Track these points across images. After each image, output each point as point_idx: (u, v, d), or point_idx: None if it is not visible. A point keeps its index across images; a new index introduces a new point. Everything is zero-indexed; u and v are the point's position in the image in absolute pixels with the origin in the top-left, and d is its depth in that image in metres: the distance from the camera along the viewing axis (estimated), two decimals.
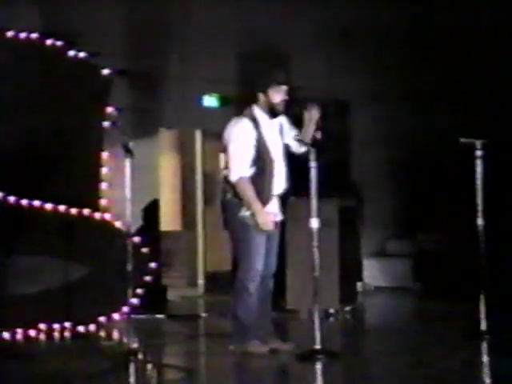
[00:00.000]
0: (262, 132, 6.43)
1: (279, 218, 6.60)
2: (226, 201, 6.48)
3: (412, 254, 10.69)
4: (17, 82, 7.57)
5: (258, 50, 10.18)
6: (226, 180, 6.47)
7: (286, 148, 6.58)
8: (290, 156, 6.62)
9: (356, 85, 10.32)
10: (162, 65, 10.04)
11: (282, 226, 6.77)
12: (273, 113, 6.46)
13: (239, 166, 6.35)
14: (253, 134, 6.39)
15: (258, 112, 6.47)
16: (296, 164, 6.61)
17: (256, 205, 6.33)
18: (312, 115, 6.51)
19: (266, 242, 6.46)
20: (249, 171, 6.37)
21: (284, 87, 6.45)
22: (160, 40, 9.87)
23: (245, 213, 6.38)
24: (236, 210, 6.39)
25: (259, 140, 6.40)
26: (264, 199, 6.40)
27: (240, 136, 6.39)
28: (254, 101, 6.50)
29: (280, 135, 6.56)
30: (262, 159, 6.40)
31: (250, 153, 6.36)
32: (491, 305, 6.96)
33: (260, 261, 6.38)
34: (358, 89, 10.30)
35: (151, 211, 9.67)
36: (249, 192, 6.34)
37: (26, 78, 7.61)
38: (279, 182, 6.50)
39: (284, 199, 6.65)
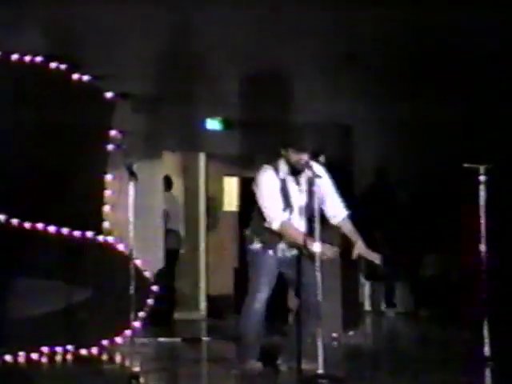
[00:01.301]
0: (284, 181, 6.55)
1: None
2: (245, 236, 6.73)
3: (414, 278, 10.68)
4: (20, 105, 7.60)
5: (261, 74, 10.21)
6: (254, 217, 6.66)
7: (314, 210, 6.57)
8: None
9: (359, 109, 10.34)
10: (165, 88, 10.06)
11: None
12: (292, 169, 6.55)
13: (276, 213, 6.49)
14: (276, 180, 6.53)
15: (282, 164, 6.59)
16: None
17: (306, 239, 6.42)
18: (360, 250, 6.64)
19: (290, 272, 6.57)
20: (285, 214, 6.52)
21: (304, 153, 6.49)
22: (163, 63, 9.90)
23: (256, 245, 6.57)
24: (248, 243, 6.64)
25: (282, 188, 6.54)
26: (271, 244, 6.56)
27: (265, 183, 6.55)
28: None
29: (306, 193, 6.58)
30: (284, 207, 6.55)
31: (279, 198, 6.52)
32: (494, 330, 6.94)
33: (266, 288, 6.54)
34: (361, 113, 10.32)
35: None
36: (294, 233, 6.50)
37: (30, 101, 7.63)
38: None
39: None
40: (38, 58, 7.71)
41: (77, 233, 7.59)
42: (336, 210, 6.67)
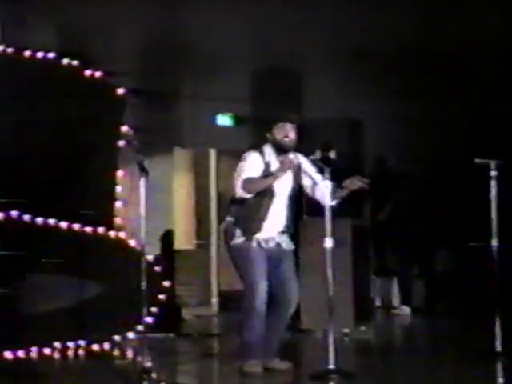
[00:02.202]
0: (269, 163, 6.47)
1: (284, 246, 6.59)
2: (224, 231, 6.57)
3: (426, 273, 10.68)
4: (32, 101, 7.62)
5: (272, 70, 10.21)
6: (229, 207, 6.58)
7: (300, 189, 6.59)
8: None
9: (369, 105, 10.34)
10: (176, 84, 10.08)
11: (294, 246, 6.77)
12: (280, 149, 6.48)
13: (245, 174, 6.39)
14: (259, 164, 6.45)
15: (268, 148, 6.52)
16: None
17: (268, 178, 6.31)
18: (353, 184, 6.48)
19: (273, 267, 6.47)
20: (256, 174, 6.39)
21: (287, 125, 6.48)
22: (174, 59, 9.91)
23: (237, 239, 6.43)
24: (230, 239, 6.48)
25: (266, 170, 6.44)
26: (253, 228, 6.43)
27: (247, 163, 6.46)
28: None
29: (292, 177, 6.55)
30: (263, 191, 6.42)
31: (257, 170, 6.41)
32: (506, 325, 6.93)
33: (263, 277, 6.39)
34: (371, 109, 10.32)
35: (167, 240, 9.82)
36: (258, 182, 6.34)
37: (42, 97, 7.65)
38: (277, 220, 6.49)
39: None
40: (51, 55, 7.73)
41: (88, 228, 7.62)
42: (324, 188, 6.48)
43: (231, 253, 6.54)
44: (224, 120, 10.73)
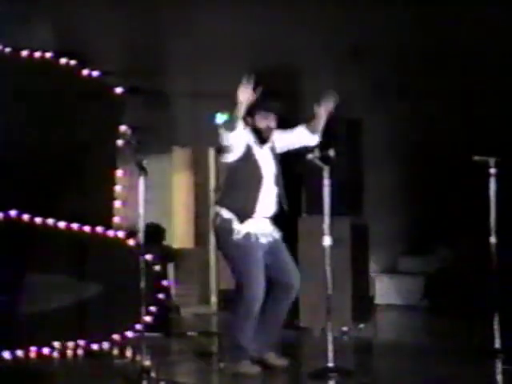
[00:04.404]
0: (252, 148, 6.46)
1: (275, 235, 6.59)
2: (217, 227, 6.52)
3: (424, 271, 10.67)
4: (30, 100, 7.63)
5: (270, 67, 10.20)
6: (216, 203, 6.59)
7: (285, 154, 6.64)
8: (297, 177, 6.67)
9: (367, 101, 10.33)
10: (174, 82, 10.07)
11: (293, 243, 6.77)
12: (259, 138, 6.50)
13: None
14: (243, 143, 6.42)
15: (248, 132, 6.52)
16: (311, 182, 6.65)
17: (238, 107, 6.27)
18: (326, 106, 6.55)
19: (270, 257, 6.46)
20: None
21: (270, 115, 6.49)
22: (172, 58, 9.91)
23: (236, 235, 6.40)
24: (227, 236, 6.42)
25: (248, 152, 6.44)
26: (246, 214, 6.39)
27: (231, 145, 6.43)
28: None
29: (274, 161, 6.57)
30: (250, 174, 6.43)
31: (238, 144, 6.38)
32: (505, 323, 6.94)
33: (262, 277, 6.36)
34: (370, 105, 10.30)
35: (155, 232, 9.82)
36: (231, 122, 6.32)
37: (40, 96, 7.66)
38: (267, 203, 6.50)
39: (276, 220, 6.65)
40: (48, 54, 7.73)
41: (87, 228, 7.62)
42: (300, 132, 6.60)
43: (228, 250, 6.45)
44: (223, 118, 10.70)
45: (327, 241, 6.37)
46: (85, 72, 7.84)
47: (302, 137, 6.67)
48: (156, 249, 9.16)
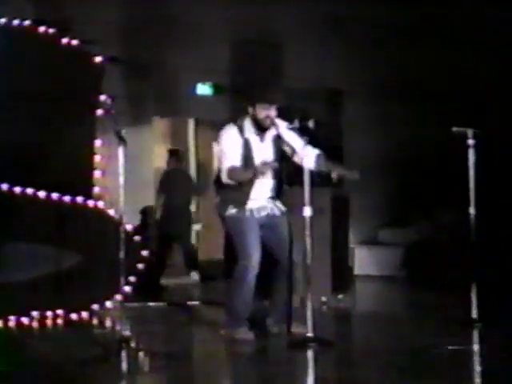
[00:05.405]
0: (248, 140, 6.55)
1: (276, 212, 6.68)
2: (217, 206, 6.73)
3: (403, 242, 10.74)
4: (7, 70, 7.56)
5: (251, 39, 10.18)
6: (215, 185, 6.75)
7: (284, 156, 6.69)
8: None
9: (347, 74, 10.34)
10: (155, 53, 10.03)
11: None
12: (259, 127, 6.57)
13: (228, 161, 6.50)
14: (239, 139, 6.54)
15: (247, 123, 6.60)
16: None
17: (251, 172, 6.45)
18: (338, 172, 6.71)
19: (268, 233, 6.59)
20: (238, 162, 6.51)
21: (271, 105, 6.54)
22: (154, 29, 9.86)
23: (231, 210, 6.55)
24: (224, 211, 6.61)
25: (245, 147, 6.55)
26: (242, 199, 6.55)
27: (226, 142, 6.57)
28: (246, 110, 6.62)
29: (273, 150, 6.63)
30: (247, 166, 6.54)
31: (237, 152, 6.52)
32: (482, 293, 7.00)
33: (256, 249, 6.51)
34: (349, 78, 10.32)
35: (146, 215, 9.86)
36: (241, 174, 6.49)
37: (18, 65, 7.59)
38: (264, 188, 6.61)
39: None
40: (27, 22, 7.65)
41: (67, 198, 7.59)
42: (306, 152, 6.55)
43: (225, 224, 6.68)
44: (204, 89, 10.68)
45: (308, 212, 6.37)
46: (64, 40, 7.76)
47: (299, 159, 6.63)
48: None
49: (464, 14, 9.29)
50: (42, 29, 7.68)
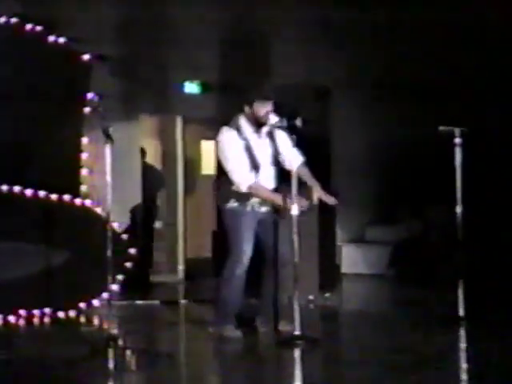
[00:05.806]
0: (247, 140, 6.61)
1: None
2: (219, 195, 6.76)
3: (391, 240, 10.75)
4: None
5: (239, 37, 10.16)
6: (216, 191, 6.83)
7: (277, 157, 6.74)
8: None
9: (335, 71, 10.33)
10: (143, 51, 10.00)
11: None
12: (258, 124, 6.64)
13: (242, 176, 6.55)
14: (240, 142, 6.59)
15: (244, 122, 6.65)
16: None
17: (277, 198, 6.56)
18: (319, 194, 6.89)
19: (267, 229, 6.64)
20: (252, 176, 6.56)
21: (268, 102, 6.61)
22: (141, 26, 9.83)
23: (232, 203, 6.58)
24: (224, 203, 6.64)
25: (246, 148, 6.60)
26: (246, 195, 6.59)
27: (230, 147, 6.60)
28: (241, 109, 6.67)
29: (270, 142, 6.71)
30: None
31: (245, 159, 6.57)
32: (469, 291, 7.02)
33: (250, 246, 6.57)
34: (337, 75, 10.31)
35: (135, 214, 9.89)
36: (264, 193, 6.59)
37: (4, 62, 7.56)
38: (266, 183, 6.67)
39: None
40: (13, 20, 7.62)
41: (54, 196, 7.57)
42: (292, 157, 6.61)
43: (223, 215, 6.69)
44: (191, 87, 10.67)
45: (295, 210, 6.38)
46: (51, 38, 7.74)
47: (284, 158, 6.72)
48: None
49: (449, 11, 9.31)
50: (28, 26, 7.65)
